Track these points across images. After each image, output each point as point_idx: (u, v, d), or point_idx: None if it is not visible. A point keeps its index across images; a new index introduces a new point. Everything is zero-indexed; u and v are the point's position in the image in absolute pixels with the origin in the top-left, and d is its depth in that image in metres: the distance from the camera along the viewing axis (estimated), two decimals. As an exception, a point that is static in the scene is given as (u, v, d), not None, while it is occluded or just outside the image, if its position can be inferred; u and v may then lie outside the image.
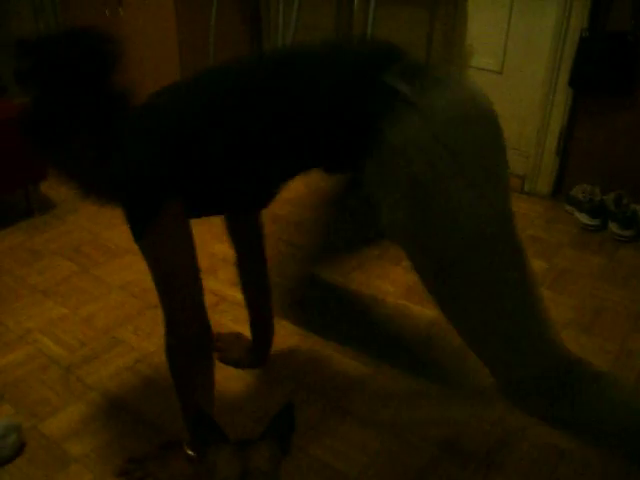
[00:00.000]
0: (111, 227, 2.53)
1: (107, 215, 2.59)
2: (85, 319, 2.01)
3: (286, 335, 1.87)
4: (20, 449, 1.52)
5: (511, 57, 2.86)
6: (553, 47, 2.68)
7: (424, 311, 2.00)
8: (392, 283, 2.20)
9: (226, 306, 2.07)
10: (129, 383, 1.76)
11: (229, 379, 1.76)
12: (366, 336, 1.55)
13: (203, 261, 1.35)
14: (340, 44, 1.36)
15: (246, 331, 1.81)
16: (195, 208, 1.27)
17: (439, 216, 1.08)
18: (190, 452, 1.36)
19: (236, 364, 1.80)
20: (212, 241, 2.38)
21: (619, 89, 2.58)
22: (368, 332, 1.55)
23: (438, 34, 3.02)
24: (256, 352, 1.81)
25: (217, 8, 3.05)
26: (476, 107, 1.12)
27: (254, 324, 1.78)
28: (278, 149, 1.19)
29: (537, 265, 2.33)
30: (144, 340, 1.92)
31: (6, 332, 1.95)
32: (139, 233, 1.20)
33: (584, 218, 2.63)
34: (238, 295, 1.76)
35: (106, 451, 1.53)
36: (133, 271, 2.25)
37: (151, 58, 3.27)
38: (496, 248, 1.10)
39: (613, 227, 2.56)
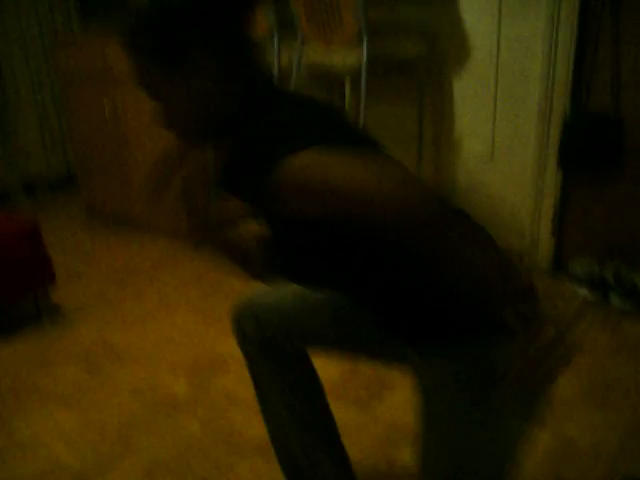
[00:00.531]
0: (120, 330, 2.56)
1: (116, 318, 2.66)
2: (97, 425, 2.01)
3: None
4: None
5: (500, 143, 2.97)
6: (539, 130, 2.79)
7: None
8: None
9: (237, 406, 2.08)
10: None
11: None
12: None
13: (212, 360, 1.37)
14: None
15: (259, 432, 1.80)
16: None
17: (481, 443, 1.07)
18: None
19: None
20: (221, 341, 2.41)
21: (607, 165, 2.67)
22: None
23: (428, 126, 3.15)
24: None
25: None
26: None
27: None
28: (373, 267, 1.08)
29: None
30: (158, 446, 1.91)
31: (18, 438, 1.96)
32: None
33: (585, 292, 2.66)
34: (249, 395, 1.76)
35: None
36: (143, 376, 2.26)
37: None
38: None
39: (614, 300, 2.59)
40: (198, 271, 3.13)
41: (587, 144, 2.66)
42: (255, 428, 1.88)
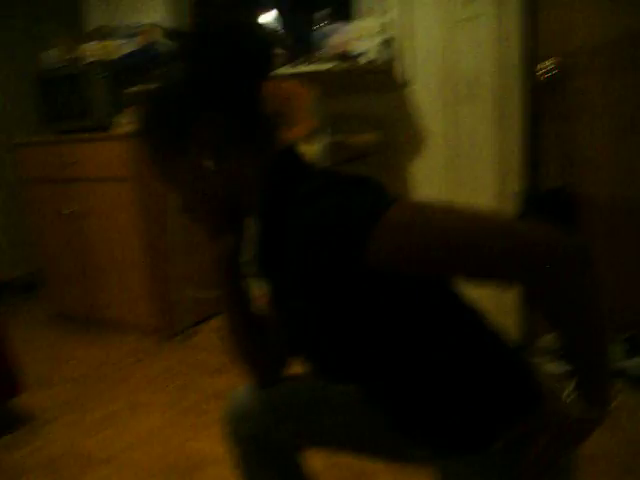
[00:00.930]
0: (89, 435, 2.48)
1: (85, 423, 2.58)
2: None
3: None
4: None
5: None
6: (495, 211, 2.87)
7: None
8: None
9: None
10: None
11: None
12: None
13: (187, 461, 1.33)
14: None
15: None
16: None
17: None
18: None
19: None
20: (194, 440, 2.36)
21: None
22: None
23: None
24: None
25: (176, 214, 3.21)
26: None
27: None
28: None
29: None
30: None
31: None
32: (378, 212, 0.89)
33: (556, 367, 2.68)
34: None
35: None
36: None
37: (118, 263, 3.38)
38: None
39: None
40: (167, 368, 3.08)
41: (542, 221, 2.73)
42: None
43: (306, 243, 0.93)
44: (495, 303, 2.94)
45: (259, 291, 1.25)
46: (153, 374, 3.02)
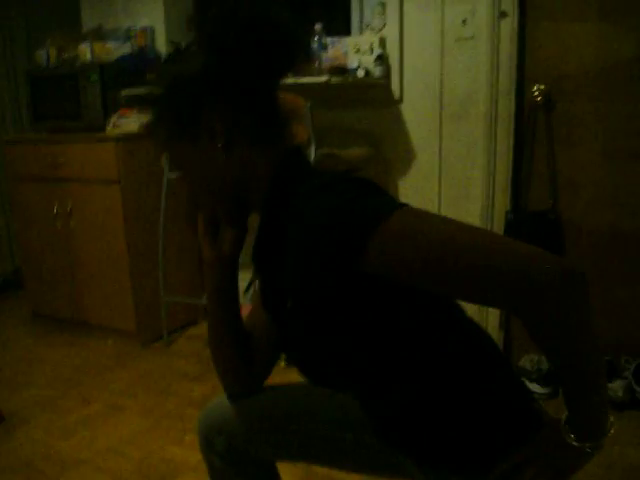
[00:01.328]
0: (65, 437, 2.46)
1: (61, 424, 2.56)
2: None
3: None
4: None
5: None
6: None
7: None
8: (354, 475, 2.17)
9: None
10: None
11: None
12: None
13: (161, 467, 1.31)
14: None
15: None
16: None
17: None
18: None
19: None
20: (170, 446, 2.35)
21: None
22: None
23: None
24: None
25: (164, 206, 3.21)
26: None
27: None
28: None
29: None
30: None
31: None
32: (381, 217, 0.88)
33: (535, 387, 2.69)
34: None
35: None
36: (87, 483, 2.17)
37: (103, 265, 3.37)
38: None
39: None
40: (146, 372, 3.06)
41: (528, 242, 2.75)
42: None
43: (304, 241, 0.93)
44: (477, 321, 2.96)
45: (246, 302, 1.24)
46: (132, 378, 3.00)
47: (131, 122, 3.18)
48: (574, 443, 0.93)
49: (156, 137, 1.09)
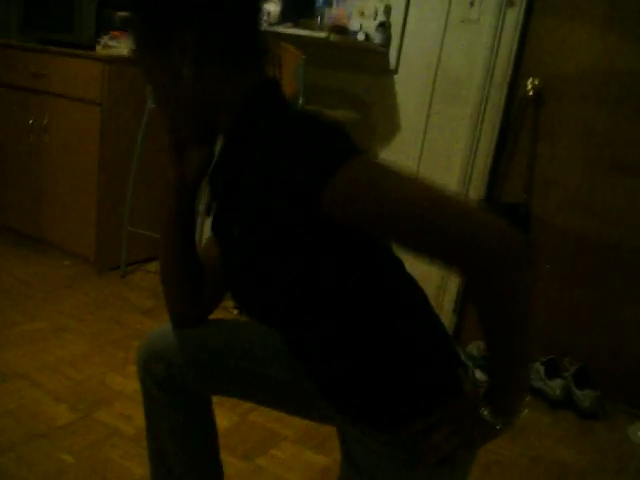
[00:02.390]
0: (7, 349, 2.44)
1: (5, 336, 2.54)
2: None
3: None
4: None
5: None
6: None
7: (318, 457, 2.01)
8: (289, 427, 2.21)
9: (117, 440, 2.01)
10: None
11: None
12: None
13: (98, 392, 1.30)
14: None
15: (138, 469, 1.76)
16: None
17: None
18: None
19: None
20: (110, 373, 2.35)
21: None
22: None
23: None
24: None
25: (143, 136, 3.16)
26: None
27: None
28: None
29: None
30: (27, 475, 1.81)
31: None
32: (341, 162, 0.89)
33: (478, 374, 2.75)
34: (131, 430, 1.73)
35: None
36: (22, 396, 2.16)
37: (71, 186, 3.32)
38: None
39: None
40: (98, 299, 3.05)
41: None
42: (135, 465, 1.82)
43: (265, 176, 0.93)
44: (434, 298, 3.00)
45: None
46: (83, 302, 2.99)
47: (122, 45, 3.11)
48: (487, 418, 0.97)
49: (131, 35, 1.07)
